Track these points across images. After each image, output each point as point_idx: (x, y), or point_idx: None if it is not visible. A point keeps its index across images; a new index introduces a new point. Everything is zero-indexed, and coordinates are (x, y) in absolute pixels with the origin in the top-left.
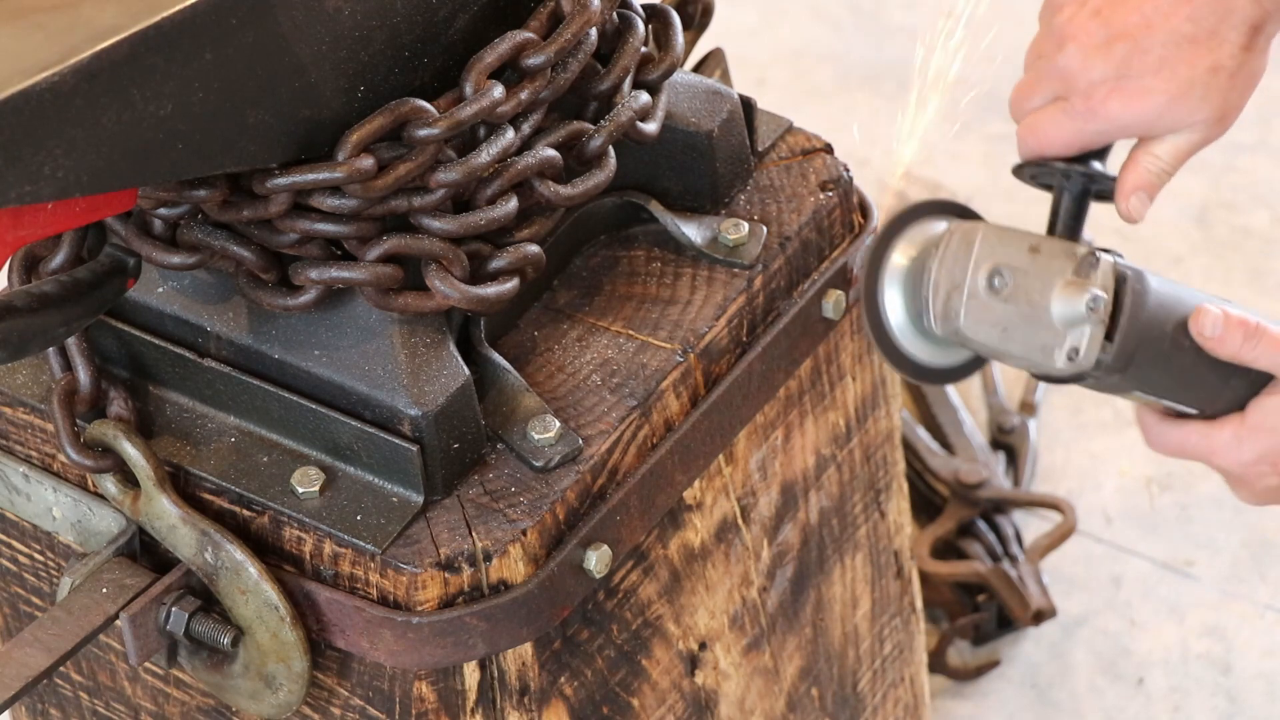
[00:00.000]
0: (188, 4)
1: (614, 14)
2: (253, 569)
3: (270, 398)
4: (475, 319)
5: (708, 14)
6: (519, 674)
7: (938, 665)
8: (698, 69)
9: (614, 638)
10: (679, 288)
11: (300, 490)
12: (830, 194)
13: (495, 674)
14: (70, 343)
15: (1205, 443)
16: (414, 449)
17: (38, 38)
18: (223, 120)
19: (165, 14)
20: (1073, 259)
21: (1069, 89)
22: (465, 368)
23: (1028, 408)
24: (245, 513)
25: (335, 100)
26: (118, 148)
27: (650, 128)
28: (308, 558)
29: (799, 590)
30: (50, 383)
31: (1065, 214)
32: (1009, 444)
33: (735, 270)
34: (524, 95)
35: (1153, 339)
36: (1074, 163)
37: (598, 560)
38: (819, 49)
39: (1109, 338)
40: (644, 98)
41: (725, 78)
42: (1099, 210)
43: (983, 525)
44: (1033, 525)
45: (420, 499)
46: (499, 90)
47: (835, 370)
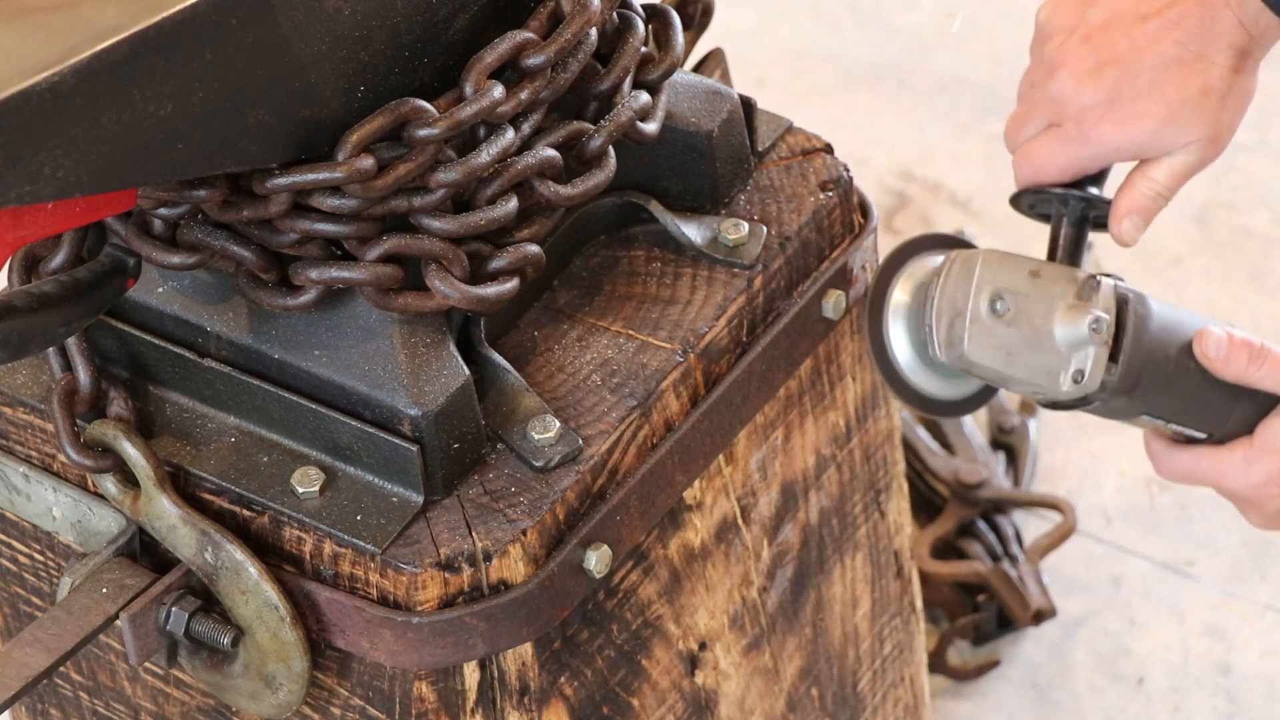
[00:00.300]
0: (188, 4)
1: (614, 14)
2: (253, 569)
3: (270, 398)
4: (475, 319)
5: (708, 14)
6: (519, 674)
7: (938, 665)
8: (698, 69)
9: (614, 638)
10: (679, 288)
11: (300, 490)
12: (830, 194)
13: (495, 674)
14: (70, 343)
15: (1214, 466)
16: (414, 449)
17: (38, 38)
18: (223, 120)
19: (165, 14)
20: (1074, 283)
21: (1061, 115)
22: (465, 368)
23: (1028, 408)
24: (245, 513)
25: (335, 100)
26: (118, 148)
27: (650, 128)
28: (308, 558)
29: (799, 590)
30: (50, 383)
31: (1065, 240)
32: (1009, 444)
33: (735, 270)
34: (524, 95)
35: (1157, 361)
36: (1071, 188)
37: (598, 560)
38: (819, 49)
39: (1113, 359)
40: (644, 98)
41: (725, 78)
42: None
43: (983, 525)
44: (1033, 525)
45: (420, 499)
46: (499, 90)
47: (835, 370)
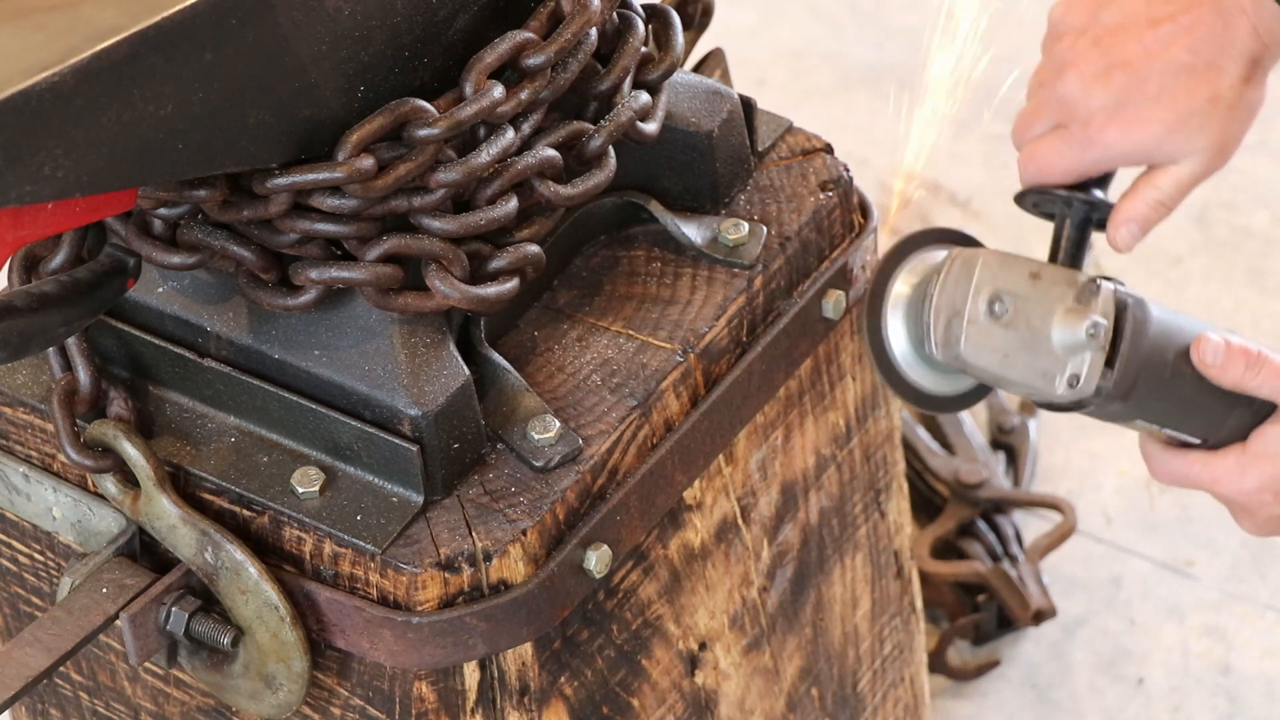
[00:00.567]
0: (188, 4)
1: (614, 14)
2: (253, 569)
3: (270, 398)
4: (475, 319)
5: (708, 14)
6: (519, 674)
7: (938, 665)
8: (698, 69)
9: (614, 638)
10: (679, 288)
11: (300, 490)
12: (830, 194)
13: (495, 674)
14: (70, 343)
15: (1208, 471)
16: (414, 449)
17: (38, 38)
18: (223, 120)
19: (165, 14)
20: (1074, 286)
21: (1068, 117)
22: (465, 368)
23: (1028, 408)
24: (245, 513)
25: (335, 100)
26: (118, 148)
27: (650, 128)
28: (308, 558)
29: (799, 590)
30: (50, 383)
31: (1067, 241)
32: (1009, 444)
33: (735, 270)
34: (524, 95)
35: (1154, 366)
36: (1075, 190)
37: (598, 560)
38: (819, 49)
39: (1110, 364)
40: (644, 98)
41: (725, 78)
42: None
43: (983, 525)
44: (1033, 525)
45: (420, 499)
46: (499, 90)
47: (835, 370)
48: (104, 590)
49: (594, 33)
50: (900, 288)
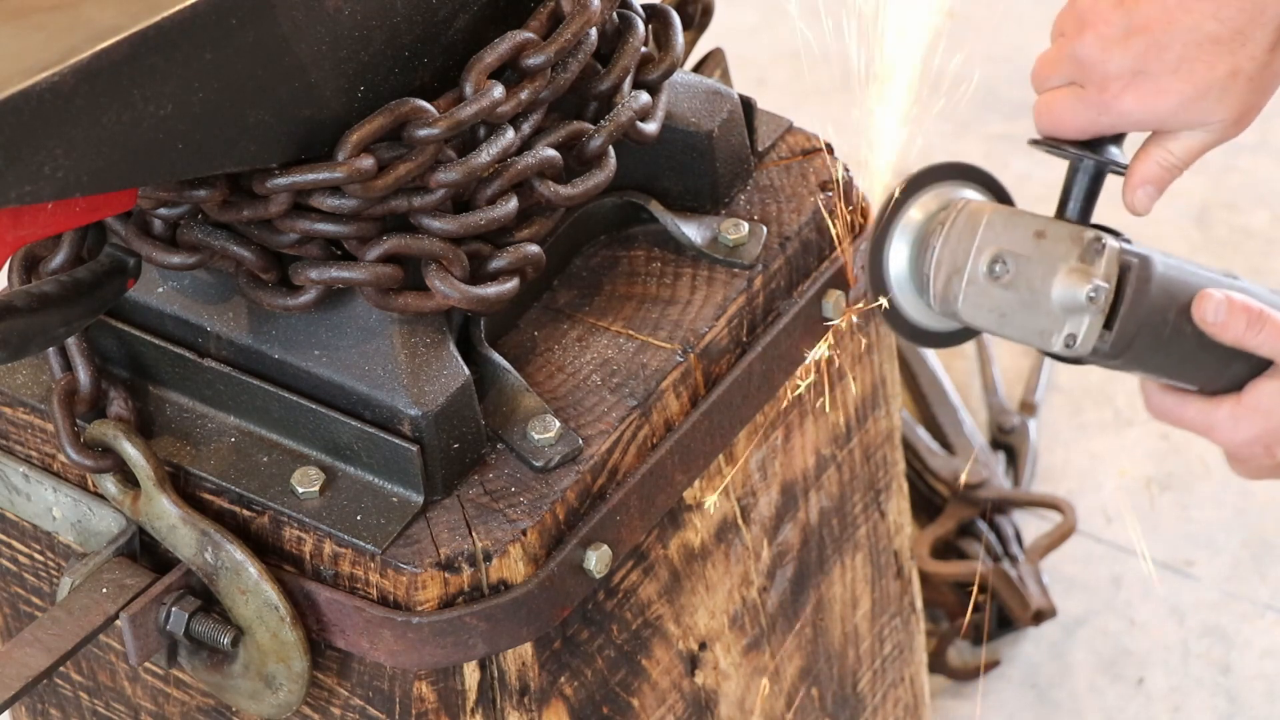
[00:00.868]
0: (188, 4)
1: (614, 14)
2: (253, 569)
3: (270, 398)
4: (475, 319)
5: (708, 14)
6: (519, 674)
7: (938, 665)
8: (698, 69)
9: (614, 638)
10: (679, 288)
11: (300, 490)
12: (830, 194)
13: (495, 674)
14: (70, 343)
15: (1203, 419)
16: (414, 449)
17: (38, 38)
18: (223, 120)
19: (165, 14)
20: (1079, 244)
21: (1085, 77)
22: (465, 368)
23: (1028, 408)
24: (245, 513)
25: (335, 100)
26: (118, 148)
27: (650, 128)
28: (308, 558)
29: (799, 590)
30: (50, 383)
31: (1077, 193)
32: (1009, 444)
33: (735, 270)
34: (524, 95)
35: (1153, 325)
36: (1086, 147)
37: (598, 560)
38: (819, 49)
39: (1108, 325)
40: (644, 98)
41: (725, 78)
42: (1105, 201)
43: (983, 525)
44: (1033, 525)
45: (420, 499)
46: (499, 90)
47: (835, 370)
48: (104, 590)
49: (594, 33)
50: (914, 213)
